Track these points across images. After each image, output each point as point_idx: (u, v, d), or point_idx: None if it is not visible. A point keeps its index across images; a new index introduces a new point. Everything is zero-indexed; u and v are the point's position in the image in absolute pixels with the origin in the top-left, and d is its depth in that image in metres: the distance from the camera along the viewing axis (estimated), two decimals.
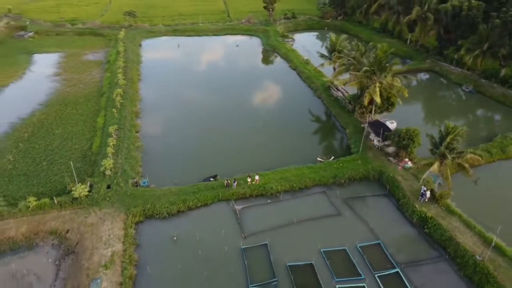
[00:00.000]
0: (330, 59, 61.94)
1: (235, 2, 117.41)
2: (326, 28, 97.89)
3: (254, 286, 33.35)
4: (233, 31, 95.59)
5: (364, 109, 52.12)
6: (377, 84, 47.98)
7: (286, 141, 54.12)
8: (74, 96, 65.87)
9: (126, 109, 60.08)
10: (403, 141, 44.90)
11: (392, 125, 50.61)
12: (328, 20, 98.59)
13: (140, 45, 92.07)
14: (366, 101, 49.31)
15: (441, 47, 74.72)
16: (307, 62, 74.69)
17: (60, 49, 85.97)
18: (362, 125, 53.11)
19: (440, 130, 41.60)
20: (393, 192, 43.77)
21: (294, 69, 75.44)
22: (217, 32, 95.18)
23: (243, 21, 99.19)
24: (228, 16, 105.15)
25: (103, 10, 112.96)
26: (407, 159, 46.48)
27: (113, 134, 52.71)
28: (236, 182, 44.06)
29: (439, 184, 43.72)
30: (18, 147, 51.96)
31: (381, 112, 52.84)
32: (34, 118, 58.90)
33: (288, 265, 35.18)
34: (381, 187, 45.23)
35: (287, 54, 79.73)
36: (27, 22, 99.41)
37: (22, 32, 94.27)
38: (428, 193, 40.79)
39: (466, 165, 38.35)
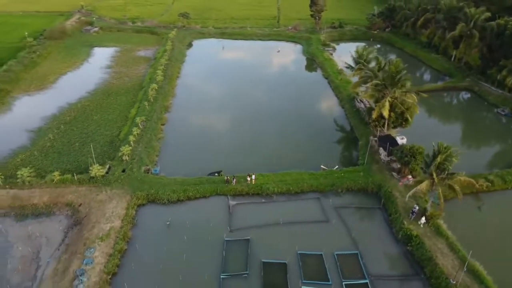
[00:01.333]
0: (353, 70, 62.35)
1: (288, 9, 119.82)
2: (371, 39, 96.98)
3: (226, 275, 35.83)
4: (277, 37, 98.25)
5: (376, 123, 52.11)
6: (388, 99, 48.00)
7: (298, 146, 55.69)
8: (117, 87, 72.60)
9: (158, 103, 65.29)
10: (405, 158, 44.62)
11: (401, 140, 50.15)
12: (375, 32, 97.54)
13: (191, 45, 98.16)
14: (374, 115, 49.47)
15: (484, 66, 71.26)
16: (339, 72, 75.21)
17: (117, 44, 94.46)
18: (370, 138, 53.19)
19: (434, 149, 40.98)
20: (387, 207, 43.78)
21: (326, 78, 76.33)
22: (262, 37, 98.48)
23: (290, 27, 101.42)
24: (278, 22, 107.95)
25: (164, 11, 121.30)
26: (409, 176, 46.03)
27: (139, 125, 57.88)
28: (235, 179, 46.76)
29: (437, 204, 43.04)
30: (60, 128, 58.96)
31: (395, 127, 52.48)
32: (79, 104, 66.10)
33: (263, 261, 37.15)
34: (377, 201, 45.34)
35: (323, 62, 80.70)
36: (94, 18, 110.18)
37: (89, 27, 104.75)
38: (417, 209, 40.61)
39: (457, 187, 37.54)
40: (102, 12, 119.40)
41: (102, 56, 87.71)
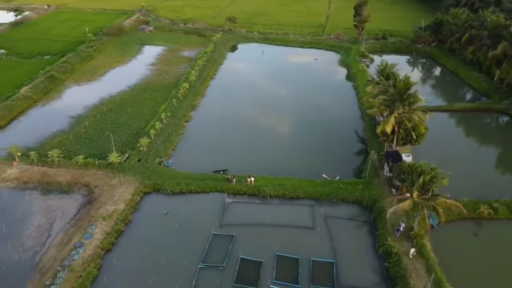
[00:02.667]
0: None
1: (337, 18, 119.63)
2: (414, 53, 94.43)
3: (204, 265, 38.68)
4: (318, 45, 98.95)
5: (385, 138, 51.96)
6: (395, 115, 47.90)
7: (308, 153, 57.01)
8: (155, 84, 78.32)
9: (186, 102, 69.74)
10: (402, 175, 44.49)
11: (407, 158, 49.64)
12: (420, 45, 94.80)
13: (236, 48, 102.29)
14: (379, 130, 49.53)
15: None
16: (368, 84, 74.69)
17: (165, 43, 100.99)
18: (372, 152, 53.19)
19: (421, 170, 40.52)
20: (377, 222, 43.97)
21: (355, 89, 76.28)
22: (303, 44, 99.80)
23: (332, 36, 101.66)
24: (323, 30, 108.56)
25: (217, 14, 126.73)
26: (407, 194, 45.59)
27: (164, 120, 62.57)
28: (235, 179, 49.44)
29: (433, 226, 42.59)
30: (96, 117, 65.40)
31: (404, 143, 51.97)
32: (118, 97, 72.46)
33: (240, 257, 39.46)
34: (369, 215, 45.56)
35: (356, 73, 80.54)
36: (150, 18, 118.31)
37: (144, 26, 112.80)
38: (402, 226, 40.63)
39: (440, 209, 37.05)
40: (160, 12, 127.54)
41: (149, 54, 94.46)
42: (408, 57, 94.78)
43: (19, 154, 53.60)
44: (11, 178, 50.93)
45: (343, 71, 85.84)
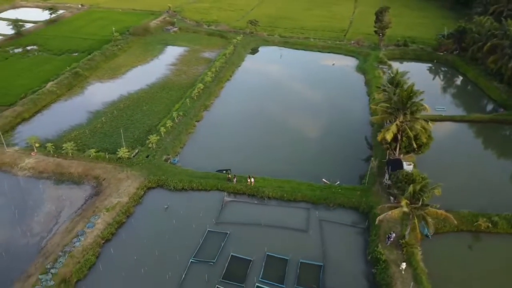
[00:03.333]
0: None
1: (361, 23, 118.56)
2: (435, 61, 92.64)
3: (195, 260, 40.20)
4: (337, 50, 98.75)
5: (388, 145, 51.79)
6: (397, 123, 47.82)
7: (312, 157, 57.56)
8: (173, 83, 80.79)
9: (199, 102, 71.73)
10: (399, 183, 44.45)
11: (408, 166, 49.35)
12: (441, 53, 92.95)
13: (257, 51, 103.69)
14: (379, 137, 49.50)
15: None
16: (377, 91, 74.23)
17: (188, 44, 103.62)
18: (372, 159, 53.13)
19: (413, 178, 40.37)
20: (371, 228, 44.11)
21: (368, 96, 75.96)
22: (322, 49, 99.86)
23: (352, 42, 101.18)
24: (344, 36, 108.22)
25: (241, 16, 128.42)
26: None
27: (175, 119, 64.72)
28: (235, 178, 50.76)
29: (428, 236, 42.46)
30: (112, 113, 68.35)
31: (407, 152, 51.68)
32: (136, 95, 75.31)
33: (231, 254, 40.75)
34: (364, 221, 45.73)
35: (372, 80, 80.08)
36: (175, 19, 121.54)
37: (169, 27, 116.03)
38: (393, 236, 40.69)
39: (429, 219, 36.92)
40: (187, 14, 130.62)
41: (171, 54, 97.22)
42: (428, 65, 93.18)
43: (37, 145, 57.00)
44: (28, 168, 54.33)
45: (359, 77, 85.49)
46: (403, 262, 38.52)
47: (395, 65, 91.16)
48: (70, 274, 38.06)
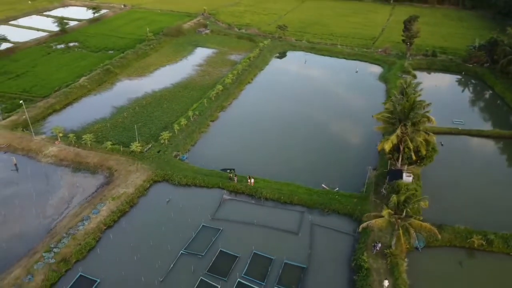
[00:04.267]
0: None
1: (392, 31, 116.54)
2: (463, 73, 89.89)
3: (185, 251, 42.47)
4: (363, 58, 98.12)
5: (390, 155, 51.69)
6: (397, 133, 47.77)
7: (318, 163, 58.32)
8: (196, 83, 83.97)
9: (216, 103, 74.32)
10: (392, 194, 44.47)
11: (407, 178, 49.10)
12: (470, 65, 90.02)
13: (285, 55, 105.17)
14: (379, 147, 49.54)
15: None
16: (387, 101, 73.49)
17: (216, 46, 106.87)
18: (369, 168, 53.05)
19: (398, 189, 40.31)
20: (360, 236, 44.46)
21: (384, 105, 75.23)
22: (348, 56, 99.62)
23: (380, 50, 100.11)
24: (373, 43, 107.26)
25: (273, 21, 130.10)
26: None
27: (190, 118, 67.61)
28: (236, 178, 52.66)
29: (418, 248, 42.37)
30: (134, 109, 72.35)
31: (410, 164, 51.36)
32: (159, 93, 79.10)
33: (220, 249, 42.64)
34: (356, 228, 45.93)
35: (392, 89, 79.03)
36: (208, 22, 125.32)
37: (202, 29, 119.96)
38: (379, 246, 40.97)
39: (412, 231, 36.96)
40: (221, 16, 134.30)
41: (199, 55, 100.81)
42: (456, 76, 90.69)
43: (60, 135, 61.70)
44: (51, 155, 58.97)
45: (380, 86, 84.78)
46: (385, 279, 38.43)
47: (421, 75, 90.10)
48: (71, 254, 41.44)
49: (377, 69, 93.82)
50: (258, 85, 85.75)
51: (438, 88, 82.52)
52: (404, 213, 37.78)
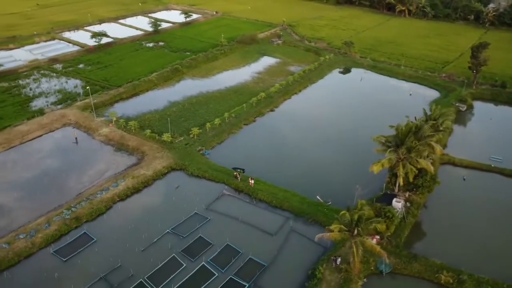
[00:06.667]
0: None
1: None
2: None
3: (171, 231, 48.88)
4: (423, 81, 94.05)
5: (388, 179, 51.61)
6: (390, 157, 48.01)
7: (326, 177, 60.24)
8: (247, 89, 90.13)
9: (256, 108, 79.69)
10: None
11: (396, 203, 48.81)
12: None
13: (350, 71, 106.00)
14: (370, 168, 49.88)
15: None
16: None
17: (282, 56, 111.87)
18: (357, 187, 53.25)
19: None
20: (334, 249, 46.02)
21: None
22: (408, 78, 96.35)
23: (444, 75, 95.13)
24: (443, 68, 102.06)
25: (349, 36, 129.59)
26: (377, 236, 46.07)
27: (226, 119, 74.12)
28: (240, 177, 57.51)
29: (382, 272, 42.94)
30: (184, 106, 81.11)
31: (407, 190, 50.85)
32: (211, 94, 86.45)
33: (200, 235, 48.18)
34: (331, 242, 47.52)
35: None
36: (281, 33, 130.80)
37: (275, 39, 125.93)
38: (338, 261, 42.59)
39: (359, 249, 38.10)
40: (299, 29, 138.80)
41: (262, 64, 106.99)
42: None
43: (114, 119, 72.94)
44: (103, 135, 70.22)
45: (425, 110, 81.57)
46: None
47: (482, 106, 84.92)
48: (83, 214, 50.69)
49: (434, 94, 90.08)
50: (303, 98, 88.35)
51: (491, 122, 76.97)
52: (355, 231, 39.06)
